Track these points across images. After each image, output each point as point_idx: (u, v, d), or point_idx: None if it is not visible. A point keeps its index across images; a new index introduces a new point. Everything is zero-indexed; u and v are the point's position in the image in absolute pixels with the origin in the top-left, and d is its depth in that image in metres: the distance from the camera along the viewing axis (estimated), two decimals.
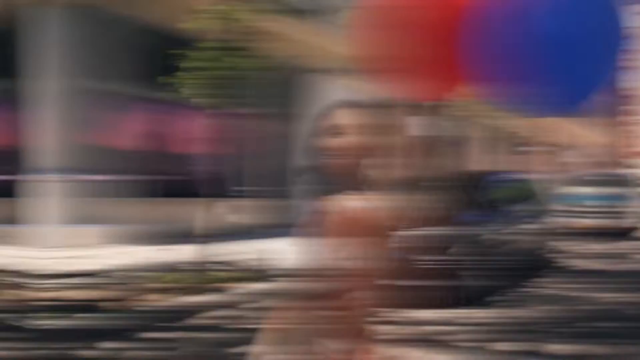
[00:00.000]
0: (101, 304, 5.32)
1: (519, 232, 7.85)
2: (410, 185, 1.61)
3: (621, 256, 10.74)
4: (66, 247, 7.76)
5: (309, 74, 13.74)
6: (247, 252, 6.84)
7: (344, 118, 1.67)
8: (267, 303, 6.12)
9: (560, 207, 14.08)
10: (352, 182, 1.66)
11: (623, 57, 2.21)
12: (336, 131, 1.65)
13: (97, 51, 9.86)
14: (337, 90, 13.70)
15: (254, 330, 1.71)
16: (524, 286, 7.40)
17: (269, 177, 13.58)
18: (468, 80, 2.34)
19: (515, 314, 5.80)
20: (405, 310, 5.68)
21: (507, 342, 4.74)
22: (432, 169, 1.51)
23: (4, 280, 5.75)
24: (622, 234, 13.59)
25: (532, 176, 9.71)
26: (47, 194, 8.45)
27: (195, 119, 10.13)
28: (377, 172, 1.65)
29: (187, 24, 6.68)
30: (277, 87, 13.92)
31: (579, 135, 31.85)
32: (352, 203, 1.57)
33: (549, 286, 7.47)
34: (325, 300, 1.53)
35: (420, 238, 5.56)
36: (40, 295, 5.38)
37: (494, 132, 21.32)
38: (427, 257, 6.07)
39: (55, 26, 8.54)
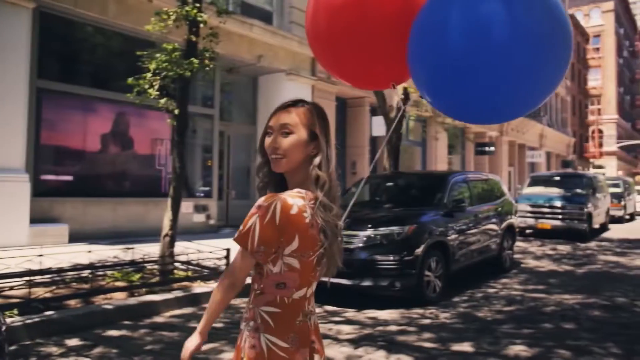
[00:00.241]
0: (68, 301, 5.37)
1: (482, 232, 7.95)
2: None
3: (583, 257, 10.98)
4: (32, 245, 7.61)
5: (271, 74, 13.72)
6: (212, 251, 6.82)
7: (290, 117, 1.67)
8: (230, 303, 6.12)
9: (524, 208, 14.37)
10: (296, 180, 1.68)
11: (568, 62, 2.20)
12: (283, 130, 1.66)
13: (60, 53, 9.84)
14: (298, 90, 13.74)
15: (221, 328, 1.76)
16: (486, 287, 7.51)
17: (233, 177, 13.54)
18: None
19: (477, 315, 5.86)
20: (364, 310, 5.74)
21: (468, 343, 4.77)
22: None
23: None
24: (585, 235, 13.92)
25: (497, 176, 9.81)
26: (13, 193, 8.23)
27: (158, 120, 10.10)
28: (320, 171, 1.66)
29: (150, 26, 6.59)
30: (240, 88, 13.89)
31: (545, 135, 32.56)
32: (286, 200, 1.58)
33: (510, 287, 7.57)
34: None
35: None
36: (8, 293, 5.34)
37: (458, 131, 21.57)
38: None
39: (19, 27, 8.33)
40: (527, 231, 14.85)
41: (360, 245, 6.27)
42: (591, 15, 52.99)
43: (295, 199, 1.60)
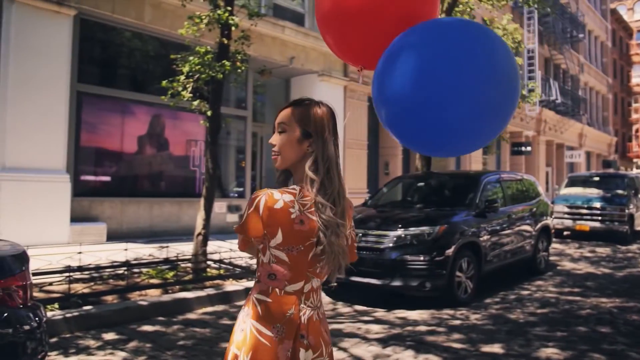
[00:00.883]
0: (105, 297, 5.58)
1: (516, 233, 7.82)
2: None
3: (623, 260, 10.67)
4: (72, 243, 7.92)
5: (303, 75, 13.80)
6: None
7: (286, 116, 1.71)
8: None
9: (561, 209, 14.04)
10: (297, 177, 1.74)
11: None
12: (279, 129, 1.70)
13: (99, 57, 10.18)
14: (330, 91, 13.79)
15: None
16: (520, 289, 7.39)
17: (266, 178, 13.67)
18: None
19: (509, 317, 5.78)
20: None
21: (498, 344, 4.72)
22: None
23: None
24: (626, 237, 13.50)
25: (532, 176, 9.62)
26: (55, 193, 8.56)
27: (193, 122, 10.31)
28: (310, 170, 1.69)
29: (183, 30, 6.76)
30: (272, 90, 14.03)
31: (584, 134, 31.68)
32: (272, 195, 1.64)
33: (545, 289, 7.43)
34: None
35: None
36: (50, 288, 5.59)
37: None
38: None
39: (61, 34, 8.67)
40: (565, 233, 14.50)
41: (391, 245, 6.27)
42: (635, 9, 51.17)
43: (284, 195, 1.65)
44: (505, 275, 7.90)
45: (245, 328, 1.66)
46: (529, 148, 23.69)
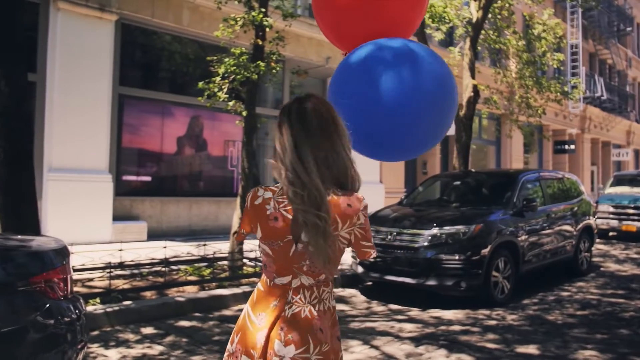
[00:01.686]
0: (144, 292, 5.78)
1: (556, 233, 7.63)
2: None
3: None
4: (114, 241, 8.20)
5: None
6: None
7: (281, 118, 1.74)
8: None
9: (606, 208, 13.59)
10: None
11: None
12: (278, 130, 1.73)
13: (139, 61, 10.48)
14: None
15: None
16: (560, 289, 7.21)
17: None
18: None
19: (547, 318, 5.65)
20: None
21: (534, 345, 4.63)
22: None
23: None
24: None
25: (573, 175, 9.35)
26: (98, 193, 8.87)
27: (230, 122, 10.47)
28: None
29: (218, 32, 6.89)
30: (309, 90, 14.08)
31: (633, 131, 30.53)
32: (257, 191, 1.71)
33: (586, 291, 7.22)
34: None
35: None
36: (92, 284, 5.82)
37: (533, 129, 20.69)
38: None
39: (103, 39, 9.01)
40: (610, 234, 14.02)
41: (425, 244, 6.22)
42: None
43: (266, 191, 1.69)
44: (544, 276, 7.71)
45: (243, 310, 1.76)
46: (572, 146, 23.02)
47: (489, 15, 11.28)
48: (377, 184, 14.22)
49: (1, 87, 4.65)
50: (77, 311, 3.07)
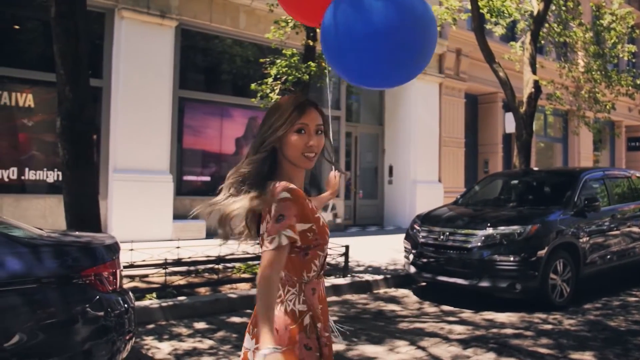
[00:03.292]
0: (198, 288, 5.99)
1: (623, 234, 7.23)
2: None
3: None
4: (175, 239, 8.53)
5: None
6: (331, 247, 7.00)
7: (320, 118, 1.76)
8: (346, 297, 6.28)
9: None
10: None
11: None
12: (319, 130, 1.76)
13: (198, 64, 10.82)
14: (425, 88, 13.55)
15: (335, 321, 1.86)
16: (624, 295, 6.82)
17: (361, 177, 13.73)
18: None
19: (609, 324, 5.36)
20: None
21: (590, 352, 4.41)
22: None
23: None
24: None
25: None
26: (159, 192, 9.24)
27: None
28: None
29: (269, 34, 7.01)
30: (366, 89, 14.01)
31: None
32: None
33: None
34: None
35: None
36: (149, 279, 6.10)
37: (602, 125, 19.64)
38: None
39: (164, 44, 9.40)
40: None
41: (479, 244, 6.07)
42: None
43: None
44: (610, 279, 7.32)
45: None
46: None
47: (553, 7, 10.82)
48: (435, 183, 13.98)
49: (65, 92, 4.94)
50: (125, 304, 3.23)
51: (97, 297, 3.04)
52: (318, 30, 6.85)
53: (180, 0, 9.74)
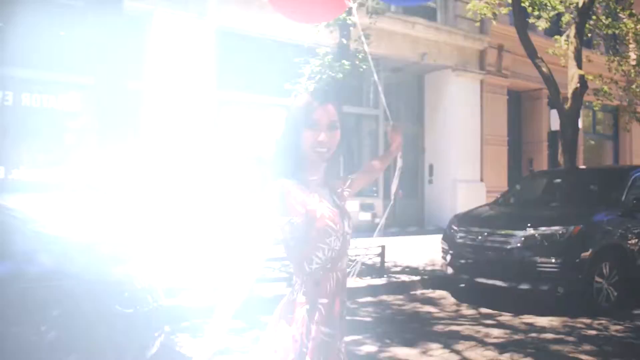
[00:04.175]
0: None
1: None
2: None
3: None
4: None
5: (436, 71, 13.42)
6: (367, 247, 6.92)
7: (336, 113, 1.75)
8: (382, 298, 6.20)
9: None
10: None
11: None
12: (333, 126, 1.75)
13: (235, 65, 10.93)
14: (466, 85, 13.28)
15: (369, 322, 1.89)
16: None
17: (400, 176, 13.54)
18: None
19: None
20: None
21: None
22: None
23: None
24: None
25: None
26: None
27: None
28: None
29: (304, 33, 7.01)
30: (405, 87, 13.86)
31: None
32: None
33: None
34: None
35: None
36: None
37: None
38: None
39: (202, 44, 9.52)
40: None
41: (519, 245, 5.88)
42: None
43: None
44: None
45: None
46: None
47: None
48: (477, 182, 13.67)
49: None
50: (154, 302, 3.28)
51: (126, 294, 3.09)
52: (352, 29, 6.78)
53: (218, 1, 9.83)
